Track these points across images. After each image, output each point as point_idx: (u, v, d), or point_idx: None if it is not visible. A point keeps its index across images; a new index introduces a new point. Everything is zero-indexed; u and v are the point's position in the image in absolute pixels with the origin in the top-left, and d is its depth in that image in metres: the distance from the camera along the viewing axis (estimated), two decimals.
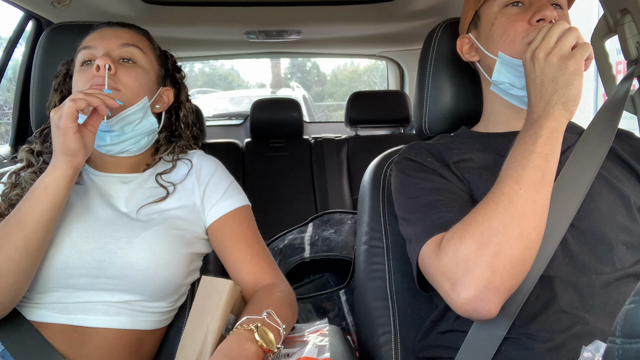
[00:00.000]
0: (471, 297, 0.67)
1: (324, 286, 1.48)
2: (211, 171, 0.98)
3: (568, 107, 0.73)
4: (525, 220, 0.68)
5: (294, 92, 5.93)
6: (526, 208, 0.68)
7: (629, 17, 0.95)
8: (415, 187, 0.85)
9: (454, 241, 0.70)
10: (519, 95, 0.88)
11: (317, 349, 0.78)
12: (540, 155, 0.71)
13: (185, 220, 0.92)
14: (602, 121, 0.87)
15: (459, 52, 0.97)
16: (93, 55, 0.91)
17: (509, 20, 0.86)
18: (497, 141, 0.91)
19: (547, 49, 0.74)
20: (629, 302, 0.38)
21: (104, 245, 0.84)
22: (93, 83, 0.87)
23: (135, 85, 0.91)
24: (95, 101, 0.79)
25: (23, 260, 0.76)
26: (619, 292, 0.75)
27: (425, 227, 0.78)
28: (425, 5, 1.94)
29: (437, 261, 0.72)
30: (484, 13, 0.91)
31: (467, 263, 0.68)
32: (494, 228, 0.68)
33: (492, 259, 0.67)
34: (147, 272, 0.84)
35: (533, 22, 0.84)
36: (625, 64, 0.99)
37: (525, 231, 0.68)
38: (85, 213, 0.88)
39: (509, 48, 0.86)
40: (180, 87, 1.05)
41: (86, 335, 0.83)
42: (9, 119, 1.90)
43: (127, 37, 0.94)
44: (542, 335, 0.73)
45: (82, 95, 0.79)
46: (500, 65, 0.88)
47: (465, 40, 0.96)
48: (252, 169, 2.48)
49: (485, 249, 0.67)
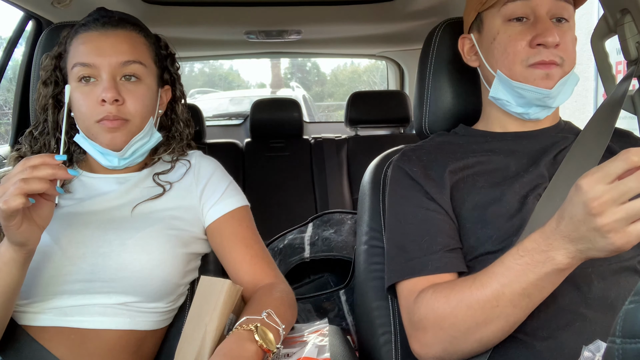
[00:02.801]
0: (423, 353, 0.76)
1: (324, 286, 1.47)
2: (210, 172, 0.97)
3: (589, 258, 0.63)
4: (488, 329, 0.70)
5: (294, 92, 5.93)
6: (494, 322, 0.69)
7: (629, 17, 0.95)
8: (398, 208, 0.88)
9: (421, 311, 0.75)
10: (517, 112, 0.88)
11: (317, 349, 0.78)
12: (535, 286, 0.66)
13: (182, 220, 0.91)
14: (599, 121, 0.87)
15: (460, 52, 0.96)
16: (93, 73, 0.87)
17: (511, 40, 0.84)
18: (494, 142, 0.91)
19: (605, 217, 0.57)
20: (629, 302, 0.38)
21: (96, 249, 0.83)
22: (103, 117, 0.85)
23: (142, 110, 0.89)
24: (39, 187, 0.68)
25: None
26: (618, 286, 0.75)
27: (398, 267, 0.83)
28: (425, 5, 1.94)
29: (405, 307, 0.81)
30: (486, 19, 0.89)
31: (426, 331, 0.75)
32: (456, 325, 0.71)
33: (446, 344, 0.73)
34: (142, 273, 0.84)
35: (534, 45, 0.82)
36: (625, 64, 0.99)
37: (485, 337, 0.71)
38: (74, 219, 0.87)
39: (507, 68, 0.84)
40: (176, 80, 1.02)
41: (84, 336, 0.83)
42: (9, 119, 1.90)
43: (126, 51, 0.88)
44: (541, 332, 0.73)
45: (19, 184, 0.66)
46: (499, 83, 0.87)
47: (466, 41, 0.94)
48: (252, 169, 2.48)
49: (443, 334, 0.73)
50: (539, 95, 0.83)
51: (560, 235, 0.62)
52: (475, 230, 0.82)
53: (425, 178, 0.87)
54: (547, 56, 0.81)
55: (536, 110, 0.86)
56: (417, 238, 0.82)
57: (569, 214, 0.60)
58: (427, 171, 0.88)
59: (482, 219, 0.81)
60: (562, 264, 0.63)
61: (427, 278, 0.79)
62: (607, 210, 0.56)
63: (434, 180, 0.86)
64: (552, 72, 0.82)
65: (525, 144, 0.89)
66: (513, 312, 0.67)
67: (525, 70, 0.83)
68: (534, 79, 0.82)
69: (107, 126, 0.86)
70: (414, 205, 0.86)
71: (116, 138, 0.87)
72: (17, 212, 0.68)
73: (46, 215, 0.74)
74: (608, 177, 0.56)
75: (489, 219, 0.81)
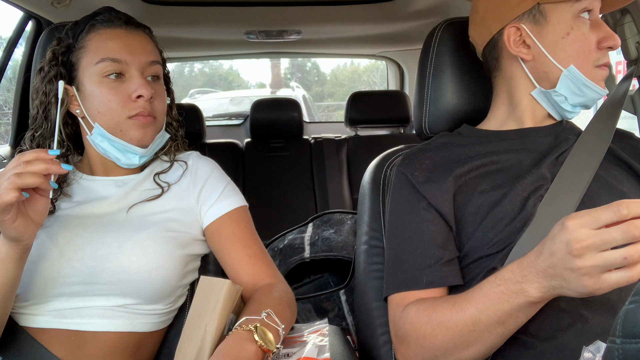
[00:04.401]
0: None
1: (324, 286, 1.47)
2: (207, 173, 0.97)
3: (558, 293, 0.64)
4: (467, 352, 0.72)
5: (293, 92, 5.93)
6: (473, 345, 0.71)
7: (628, 17, 0.95)
8: (396, 216, 0.89)
9: (406, 328, 0.78)
10: (566, 109, 0.87)
11: (317, 349, 0.77)
12: (510, 316, 0.67)
13: (179, 222, 0.91)
14: (600, 122, 0.87)
15: (506, 42, 0.87)
16: (123, 69, 0.87)
17: (586, 37, 0.83)
18: (499, 141, 0.90)
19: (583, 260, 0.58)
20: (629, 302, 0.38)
21: (94, 251, 0.83)
22: (137, 113, 0.87)
23: (164, 108, 0.94)
24: (32, 182, 0.68)
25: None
26: (620, 288, 0.75)
27: (394, 278, 0.84)
28: (425, 5, 1.94)
29: (392, 319, 0.83)
30: (553, 13, 0.84)
31: (408, 346, 0.78)
32: (436, 344, 0.73)
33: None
34: (140, 276, 0.83)
35: (602, 47, 0.82)
36: (625, 64, 0.99)
37: (463, 358, 0.73)
38: (73, 222, 0.87)
39: (581, 65, 0.84)
40: (169, 82, 1.03)
41: (84, 338, 0.82)
42: (9, 119, 1.90)
43: (152, 51, 0.92)
44: (543, 333, 0.73)
45: (12, 180, 0.67)
46: (567, 78, 0.85)
47: (515, 31, 0.86)
48: (252, 169, 2.48)
49: (424, 352, 0.75)
50: (598, 96, 0.85)
51: (536, 269, 0.63)
52: (476, 234, 0.81)
53: (426, 183, 0.86)
54: (608, 59, 0.84)
55: (580, 109, 0.88)
56: (412, 249, 0.83)
57: (549, 249, 0.62)
58: (429, 175, 0.87)
59: (483, 222, 0.81)
60: (533, 297, 0.64)
61: (417, 293, 0.81)
62: (587, 254, 0.57)
63: (436, 184, 0.86)
64: (606, 75, 0.85)
65: (529, 142, 0.89)
66: (489, 337, 0.69)
67: (593, 70, 0.84)
68: (600, 80, 0.84)
69: (141, 122, 0.88)
70: (412, 214, 0.86)
71: (147, 134, 0.89)
72: (11, 206, 0.68)
73: (41, 211, 0.74)
74: (595, 223, 0.57)
75: (491, 222, 0.81)
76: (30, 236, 0.74)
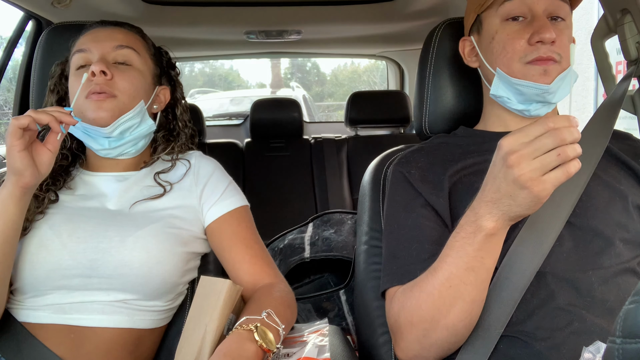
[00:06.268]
0: (406, 357, 0.78)
1: (324, 286, 1.47)
2: (209, 172, 0.98)
3: (514, 220, 0.67)
4: (451, 313, 0.71)
5: (294, 92, 5.93)
6: (454, 304, 0.71)
7: (629, 17, 0.95)
8: (393, 213, 0.89)
9: (395, 311, 0.78)
10: (518, 109, 0.88)
11: (317, 349, 0.78)
12: (475, 258, 0.69)
13: (181, 219, 0.92)
14: (598, 121, 0.88)
15: (461, 54, 0.97)
16: (88, 59, 0.91)
17: (509, 38, 0.85)
18: (493, 141, 0.90)
19: (521, 167, 0.61)
20: (629, 302, 0.38)
21: (96, 244, 0.84)
22: (90, 90, 0.87)
23: (131, 89, 0.91)
24: (45, 118, 0.76)
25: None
26: (619, 289, 0.75)
27: (389, 272, 0.84)
28: (425, 5, 1.94)
29: (387, 313, 0.82)
30: (485, 20, 0.90)
31: (402, 333, 0.77)
32: (422, 315, 0.73)
33: (420, 338, 0.75)
34: (141, 271, 0.84)
35: (532, 43, 0.83)
36: (625, 64, 0.99)
37: (450, 322, 0.71)
38: (76, 214, 0.88)
39: (507, 66, 0.85)
40: (176, 84, 1.05)
41: (83, 334, 0.83)
42: (9, 119, 1.90)
43: (121, 38, 0.94)
44: (540, 333, 0.73)
45: (29, 112, 0.76)
46: (499, 80, 0.88)
47: (467, 43, 0.96)
48: (252, 169, 2.48)
49: (415, 329, 0.75)
50: (538, 91, 0.83)
51: (484, 202, 0.67)
52: None
53: (422, 181, 0.87)
54: (544, 52, 0.82)
55: (537, 106, 0.87)
56: (407, 245, 0.84)
57: (490, 174, 0.66)
58: (425, 174, 0.88)
59: None
60: (488, 228, 0.66)
61: None
62: (523, 162, 0.60)
63: (432, 183, 0.87)
64: (549, 68, 0.83)
65: None
66: (465, 289, 0.70)
67: (523, 67, 0.84)
68: (533, 75, 0.83)
69: (94, 99, 0.87)
70: (408, 211, 0.86)
71: (102, 111, 0.88)
72: (24, 130, 0.75)
73: (45, 162, 0.79)
74: (526, 137, 0.61)
75: None
76: (31, 175, 0.77)
